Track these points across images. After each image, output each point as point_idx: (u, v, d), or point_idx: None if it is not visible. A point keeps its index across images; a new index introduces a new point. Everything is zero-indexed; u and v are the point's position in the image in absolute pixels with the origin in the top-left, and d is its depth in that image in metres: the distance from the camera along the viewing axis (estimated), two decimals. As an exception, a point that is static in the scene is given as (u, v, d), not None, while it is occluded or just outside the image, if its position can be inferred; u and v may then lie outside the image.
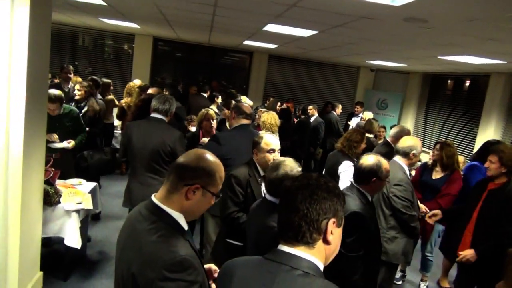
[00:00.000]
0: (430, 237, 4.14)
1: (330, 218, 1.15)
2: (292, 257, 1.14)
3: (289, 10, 3.74)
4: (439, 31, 3.78)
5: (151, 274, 1.26)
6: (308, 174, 1.22)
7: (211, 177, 1.41)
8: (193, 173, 1.39)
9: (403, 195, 3.11)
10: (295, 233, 1.14)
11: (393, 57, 6.96)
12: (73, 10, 6.17)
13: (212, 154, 1.50)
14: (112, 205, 5.35)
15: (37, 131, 2.97)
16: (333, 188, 1.18)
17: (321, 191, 1.15)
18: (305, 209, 1.13)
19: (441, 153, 3.93)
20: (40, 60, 2.88)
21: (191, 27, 6.49)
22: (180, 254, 1.28)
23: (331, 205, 1.15)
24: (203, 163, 1.41)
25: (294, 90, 10.21)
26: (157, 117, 3.35)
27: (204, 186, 1.39)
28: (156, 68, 9.93)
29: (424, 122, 9.20)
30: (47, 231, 3.36)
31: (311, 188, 1.16)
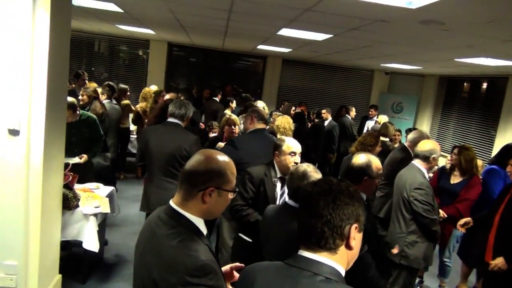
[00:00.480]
0: (448, 242, 4.07)
1: (353, 224, 1.15)
2: (314, 263, 1.13)
3: (303, 14, 3.75)
4: (456, 33, 3.74)
5: (172, 279, 1.26)
6: (329, 179, 1.21)
7: (222, 176, 1.40)
8: (204, 177, 1.38)
9: (424, 198, 3.07)
10: (317, 239, 1.13)
11: (409, 60, 6.89)
12: (90, 17, 6.28)
13: (217, 152, 1.49)
14: (128, 209, 5.41)
15: (56, 136, 3.02)
16: (354, 193, 1.17)
17: (344, 196, 1.15)
18: (328, 214, 1.12)
19: (460, 158, 3.86)
20: (60, 67, 2.94)
21: (206, 32, 6.54)
22: (201, 259, 1.28)
23: (353, 210, 1.15)
24: (211, 165, 1.40)
25: (308, 94, 10.19)
26: (173, 121, 3.39)
27: (218, 187, 1.39)
28: (170, 73, 10.03)
29: (440, 126, 9.07)
30: (66, 235, 3.41)
31: (334, 193, 1.15)
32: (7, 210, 2.76)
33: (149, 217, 1.53)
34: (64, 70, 3.05)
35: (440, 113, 9.10)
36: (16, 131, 2.67)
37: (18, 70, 2.62)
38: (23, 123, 2.67)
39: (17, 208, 2.76)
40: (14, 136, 2.67)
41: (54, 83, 2.81)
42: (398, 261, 3.21)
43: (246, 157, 3.27)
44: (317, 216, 1.13)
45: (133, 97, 8.07)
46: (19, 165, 2.71)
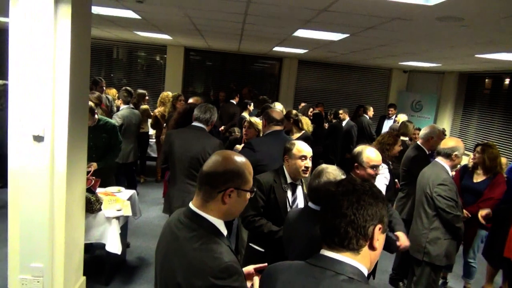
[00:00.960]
0: (473, 242, 3.97)
1: (377, 224, 1.14)
2: (337, 263, 1.13)
3: (319, 15, 3.74)
4: (476, 29, 3.66)
5: (198, 282, 1.27)
6: (352, 179, 1.21)
7: (241, 177, 1.41)
8: (223, 178, 1.39)
9: (448, 194, 3.05)
10: (341, 239, 1.13)
11: (428, 58, 6.78)
12: (108, 25, 6.42)
13: (234, 153, 1.50)
14: (149, 212, 5.48)
15: (79, 142, 3.10)
16: (378, 194, 1.17)
17: (368, 197, 1.14)
18: (352, 215, 1.12)
19: (483, 156, 3.78)
20: (81, 74, 3.01)
21: (222, 36, 6.59)
22: (225, 260, 1.29)
23: (377, 210, 1.14)
24: (230, 166, 1.41)
25: (325, 94, 10.14)
26: (198, 125, 3.42)
27: (238, 187, 1.40)
28: (187, 77, 10.14)
29: (462, 123, 8.88)
30: (89, 238, 3.48)
31: (358, 193, 1.14)
32: (33, 214, 2.84)
33: (168, 219, 1.55)
34: (85, 77, 3.13)
35: (462, 111, 8.91)
36: (41, 137, 2.75)
37: (41, 78, 2.70)
38: (47, 130, 2.75)
39: (43, 212, 2.85)
40: (39, 142, 2.76)
41: (75, 90, 2.89)
42: (421, 258, 3.20)
43: (263, 159, 3.28)
44: (341, 216, 1.13)
45: (151, 102, 8.18)
46: (44, 170, 2.79)
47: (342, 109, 7.43)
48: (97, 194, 3.56)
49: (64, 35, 2.72)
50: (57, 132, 2.80)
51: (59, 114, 2.79)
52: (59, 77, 2.75)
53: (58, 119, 2.79)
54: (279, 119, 3.55)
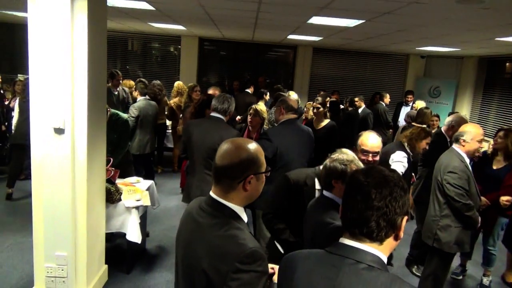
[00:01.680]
0: (493, 230, 3.91)
1: (404, 216, 1.15)
2: (357, 251, 1.13)
3: (334, 1, 3.68)
4: (497, 11, 3.55)
5: (224, 267, 1.30)
6: (380, 169, 1.19)
7: (257, 161, 1.43)
8: (241, 168, 1.40)
9: (457, 182, 3.03)
10: (370, 230, 1.12)
11: (446, 42, 6.61)
12: (123, 17, 6.45)
13: (240, 140, 1.50)
14: (167, 201, 5.56)
15: (98, 133, 3.15)
16: (405, 185, 1.17)
17: (399, 189, 1.14)
18: (385, 207, 1.11)
19: (506, 141, 3.69)
20: (99, 67, 3.05)
21: (236, 25, 6.56)
22: (249, 246, 1.31)
23: (406, 202, 1.15)
24: (244, 155, 1.42)
25: (340, 82, 10.02)
26: (216, 116, 3.42)
27: (256, 172, 1.43)
28: (202, 67, 10.15)
29: (482, 109, 8.67)
30: (110, 227, 3.56)
31: (390, 186, 1.14)
32: (56, 205, 2.92)
33: (188, 208, 1.57)
34: (102, 70, 3.16)
35: (481, 96, 8.69)
36: (61, 129, 2.81)
37: (60, 72, 2.75)
38: (67, 122, 2.81)
39: (65, 202, 2.92)
40: (59, 134, 2.82)
41: (93, 82, 2.93)
42: (431, 244, 3.22)
43: (281, 148, 3.30)
44: (373, 208, 1.12)
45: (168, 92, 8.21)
46: (65, 162, 2.86)
47: (358, 97, 7.34)
48: (117, 185, 3.63)
49: (81, 29, 2.75)
50: (77, 124, 2.86)
51: (79, 107, 2.84)
52: (77, 70, 2.79)
53: (77, 111, 2.85)
54: (296, 107, 3.57)
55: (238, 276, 1.28)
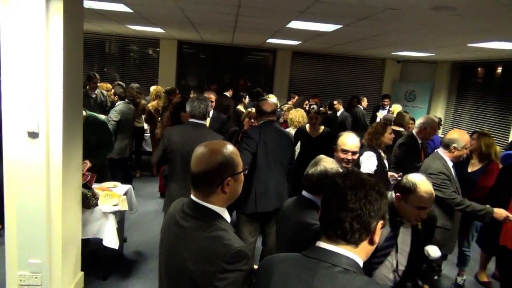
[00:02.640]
0: (468, 232, 4.02)
1: (379, 220, 1.16)
2: (333, 254, 1.14)
3: (312, 6, 3.73)
4: (469, 18, 3.67)
5: (211, 268, 1.32)
6: (358, 172, 1.23)
7: (232, 163, 1.45)
8: (218, 172, 1.42)
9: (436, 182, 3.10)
10: (344, 232, 1.14)
11: (421, 47, 6.80)
12: (100, 19, 6.35)
13: (214, 143, 1.51)
14: (145, 206, 5.48)
15: (74, 137, 3.09)
16: (382, 190, 1.18)
17: (375, 192, 1.15)
18: (359, 209, 1.13)
19: (479, 142, 3.81)
20: (75, 70, 2.99)
21: (215, 28, 6.56)
22: (235, 246, 1.33)
23: (382, 206, 1.16)
24: (219, 159, 1.42)
25: (319, 85, 10.14)
26: (196, 122, 3.33)
27: (233, 174, 1.44)
28: (181, 70, 10.09)
29: (455, 112, 8.94)
30: (86, 233, 3.48)
31: (366, 188, 1.15)
32: (30, 210, 2.84)
33: (170, 212, 1.57)
34: (78, 72, 3.11)
35: (455, 100, 8.97)
36: (36, 133, 2.74)
37: (35, 74, 2.68)
38: (42, 126, 2.74)
39: (39, 208, 2.85)
40: (33, 138, 2.75)
41: (69, 85, 2.87)
42: None
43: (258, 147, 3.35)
44: (347, 210, 1.13)
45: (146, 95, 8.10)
46: (40, 166, 2.79)
47: (336, 100, 7.45)
48: (94, 190, 3.56)
49: (56, 31, 2.69)
50: (52, 128, 2.79)
51: (54, 110, 2.78)
52: (52, 73, 2.73)
53: (52, 115, 2.78)
54: (270, 111, 3.55)
55: (225, 276, 1.30)
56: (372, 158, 3.68)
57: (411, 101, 9.69)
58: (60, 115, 2.80)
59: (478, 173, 3.83)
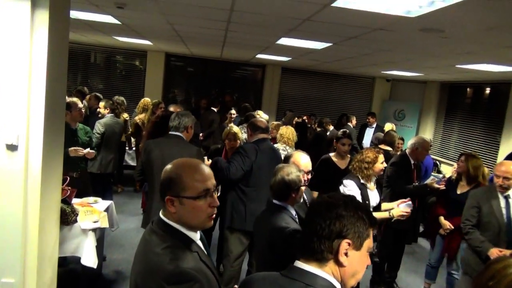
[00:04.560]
0: (456, 254, 4.05)
1: (344, 239, 1.15)
2: (307, 274, 1.16)
3: (302, 24, 3.81)
4: (456, 40, 3.79)
5: (152, 284, 1.30)
6: (337, 193, 1.26)
7: (177, 184, 1.44)
8: (164, 187, 1.46)
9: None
10: (308, 248, 1.17)
11: (410, 67, 6.96)
12: (86, 29, 6.36)
13: (182, 160, 1.54)
14: (127, 223, 5.41)
15: (55, 151, 3.05)
16: (354, 209, 1.17)
17: (340, 209, 1.15)
18: (318, 225, 1.16)
19: (467, 165, 3.87)
20: (58, 81, 2.98)
21: (204, 43, 6.62)
22: (181, 266, 1.30)
23: (346, 225, 1.14)
24: (166, 174, 1.48)
25: (308, 102, 10.24)
26: (174, 134, 3.42)
27: (176, 195, 1.42)
28: (168, 83, 10.10)
29: (444, 132, 9.10)
30: (64, 251, 3.41)
31: (328, 204, 1.18)
32: (4, 226, 2.77)
33: (145, 229, 1.59)
34: (62, 84, 3.09)
35: (443, 120, 9.15)
36: (14, 146, 2.70)
37: (16, 85, 2.66)
38: (21, 138, 2.71)
39: (15, 224, 2.78)
40: (12, 151, 2.70)
41: (52, 97, 2.85)
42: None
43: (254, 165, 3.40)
44: (309, 225, 1.19)
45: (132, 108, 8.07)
46: (17, 180, 2.74)
47: (325, 119, 7.54)
48: (73, 205, 3.50)
49: (41, 42, 2.69)
50: (32, 140, 2.75)
51: (35, 122, 2.75)
52: (35, 84, 2.71)
53: (33, 127, 2.75)
54: (264, 127, 3.63)
55: None
56: (353, 186, 3.37)
57: (400, 120, 9.84)
58: (41, 127, 2.77)
59: (466, 195, 3.88)
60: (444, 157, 8.74)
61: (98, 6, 4.11)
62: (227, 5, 3.41)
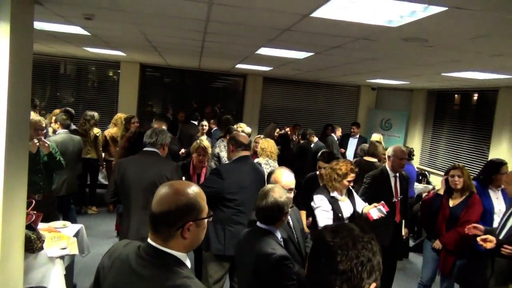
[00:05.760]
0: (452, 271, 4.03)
1: (372, 283, 1.13)
2: None
3: (282, 34, 3.84)
4: (441, 49, 3.89)
5: None
6: (349, 227, 1.19)
7: (196, 207, 1.46)
8: (178, 215, 1.42)
9: None
10: None
11: (395, 75, 7.09)
12: (54, 41, 6.29)
13: (179, 183, 1.54)
14: (99, 247, 5.28)
15: (18, 173, 2.98)
16: (376, 247, 1.16)
17: (367, 252, 1.13)
18: (349, 271, 1.10)
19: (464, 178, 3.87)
20: (21, 97, 2.92)
21: (180, 53, 6.62)
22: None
23: (374, 267, 1.13)
24: (182, 200, 1.44)
25: (292, 113, 10.29)
26: (149, 149, 3.41)
27: (195, 219, 1.45)
28: (143, 95, 10.03)
29: (432, 141, 9.26)
30: (29, 281, 3.31)
31: (358, 248, 1.13)
32: (-38, 258, 2.68)
33: (118, 258, 1.53)
34: (25, 100, 3.03)
35: (432, 129, 9.31)
36: (-28, 169, 2.62)
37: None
38: (-20, 161, 2.63)
39: (-26, 255, 2.69)
40: (-30, 175, 2.63)
41: (14, 113, 2.79)
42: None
43: (232, 187, 3.33)
44: (336, 272, 1.11)
45: (104, 123, 7.98)
46: (-24, 207, 2.66)
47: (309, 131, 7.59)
48: (39, 231, 3.41)
49: (1, 55, 2.64)
50: (-9, 163, 2.69)
51: (-5, 143, 2.68)
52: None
53: (-7, 148, 2.68)
54: (247, 143, 3.61)
55: None
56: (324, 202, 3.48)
57: (387, 130, 9.97)
58: (3, 146, 2.70)
59: (459, 207, 3.89)
60: (432, 167, 8.88)
61: (64, 17, 4.07)
62: (202, 16, 3.42)
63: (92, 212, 6.73)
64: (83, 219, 5.94)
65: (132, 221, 3.32)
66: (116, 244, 1.63)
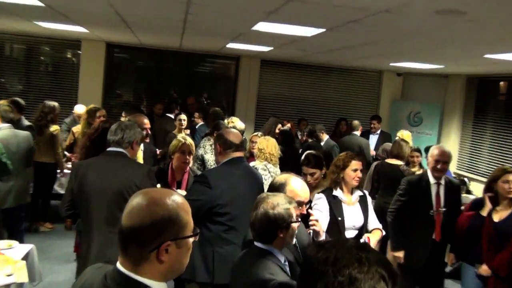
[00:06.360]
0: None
1: None
2: None
3: (285, 5, 3.85)
4: (483, 24, 3.90)
5: None
6: (348, 246, 1.20)
7: (176, 222, 1.42)
8: (153, 231, 1.39)
9: None
10: None
11: (425, 58, 7.12)
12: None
13: (159, 191, 1.53)
14: (54, 274, 5.30)
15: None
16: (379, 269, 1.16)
17: (353, 270, 1.14)
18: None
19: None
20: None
21: (157, 30, 6.62)
22: None
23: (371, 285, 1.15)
24: (157, 212, 1.41)
25: (296, 104, 10.34)
26: (115, 150, 3.36)
27: (176, 238, 1.41)
28: (111, 82, 10.03)
29: (473, 140, 9.25)
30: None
31: (363, 271, 1.14)
32: None
33: (84, 284, 1.53)
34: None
35: (471, 124, 9.30)
36: None
37: None
38: None
39: None
40: None
41: None
42: None
43: (223, 197, 3.31)
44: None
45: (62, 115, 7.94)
46: None
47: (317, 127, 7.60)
48: (-23, 254, 3.42)
49: None
50: None
51: None
52: None
53: None
54: (239, 143, 3.58)
55: None
56: (321, 200, 3.64)
57: (416, 126, 9.97)
58: None
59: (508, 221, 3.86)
60: (473, 173, 8.89)
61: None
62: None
63: (45, 229, 6.72)
64: (34, 238, 5.93)
65: (94, 241, 3.28)
66: (88, 268, 1.62)
